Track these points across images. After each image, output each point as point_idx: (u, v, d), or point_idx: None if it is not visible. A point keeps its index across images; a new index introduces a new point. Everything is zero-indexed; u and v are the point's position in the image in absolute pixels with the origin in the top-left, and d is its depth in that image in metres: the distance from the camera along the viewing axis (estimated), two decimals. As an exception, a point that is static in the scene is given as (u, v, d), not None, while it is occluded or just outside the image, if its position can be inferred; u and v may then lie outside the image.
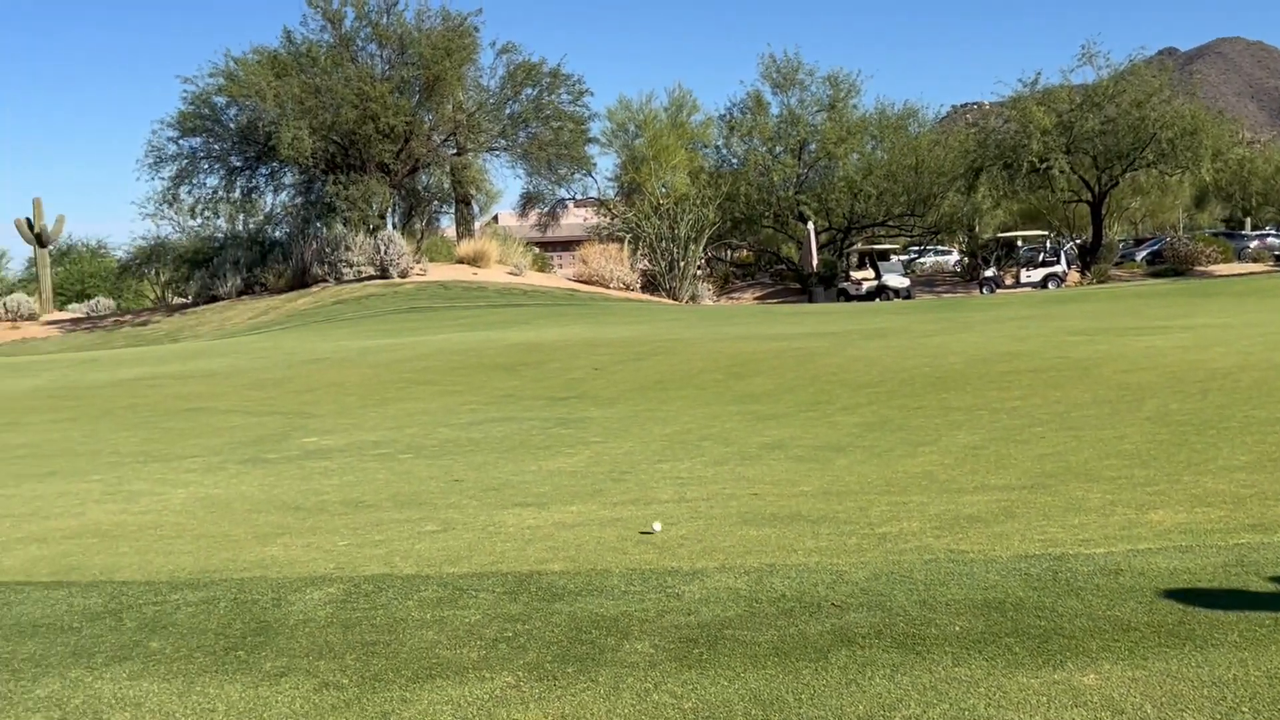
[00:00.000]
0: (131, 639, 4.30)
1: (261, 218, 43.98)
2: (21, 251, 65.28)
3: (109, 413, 12.09)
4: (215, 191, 39.49)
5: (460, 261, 39.72)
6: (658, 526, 5.06)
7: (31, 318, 40.45)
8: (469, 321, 24.59)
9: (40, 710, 3.67)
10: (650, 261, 41.50)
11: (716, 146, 51.02)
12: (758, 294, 47.44)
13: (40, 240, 45.26)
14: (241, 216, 44.07)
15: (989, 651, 3.71)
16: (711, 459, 7.72)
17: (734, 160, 50.09)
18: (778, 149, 49.25)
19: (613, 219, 45.83)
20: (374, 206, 37.82)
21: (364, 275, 36.57)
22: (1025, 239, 44.10)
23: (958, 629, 3.93)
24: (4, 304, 40.97)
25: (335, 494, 7.03)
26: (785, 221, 48.92)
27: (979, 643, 3.79)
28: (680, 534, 5.51)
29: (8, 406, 12.92)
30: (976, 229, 50.90)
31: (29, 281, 57.17)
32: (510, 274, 38.43)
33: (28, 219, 45.12)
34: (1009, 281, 41.42)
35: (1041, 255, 42.74)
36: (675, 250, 40.48)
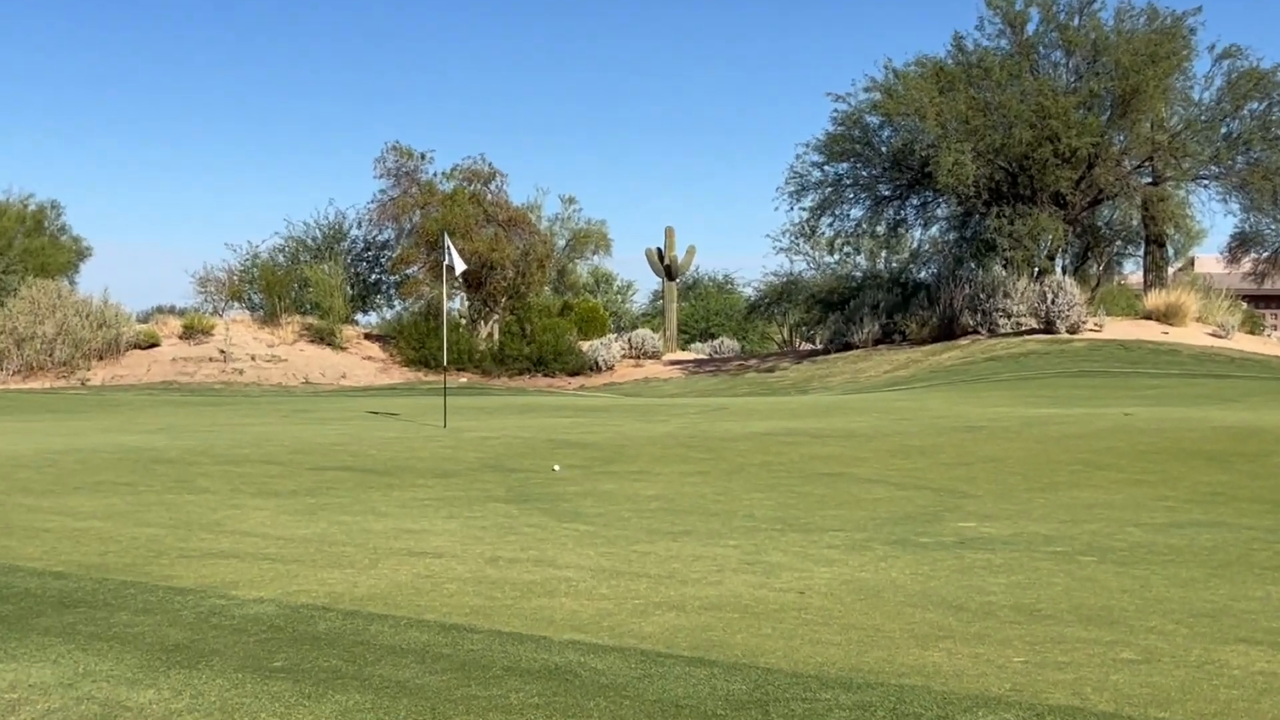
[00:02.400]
0: (781, 738, 4.52)
1: (906, 255, 45.37)
2: (647, 283, 72.39)
3: (741, 469, 13.02)
4: (858, 224, 41.33)
5: (1147, 317, 38.25)
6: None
7: (654, 356, 44.83)
8: (1157, 393, 23.54)
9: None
10: None
11: None
12: None
13: (669, 272, 50.15)
14: (884, 253, 45.79)
15: None
16: None
17: None
18: None
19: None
20: (1042, 245, 37.55)
21: (1023, 328, 36.35)
22: None
23: None
24: (629, 340, 45.70)
25: (1003, 596, 6.97)
26: None
27: None
28: None
29: (639, 453, 14.35)
30: None
31: (652, 316, 63.41)
32: (1213, 335, 36.35)
33: (659, 249, 50.18)
34: None
35: None
36: None
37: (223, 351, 39.30)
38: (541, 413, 22.33)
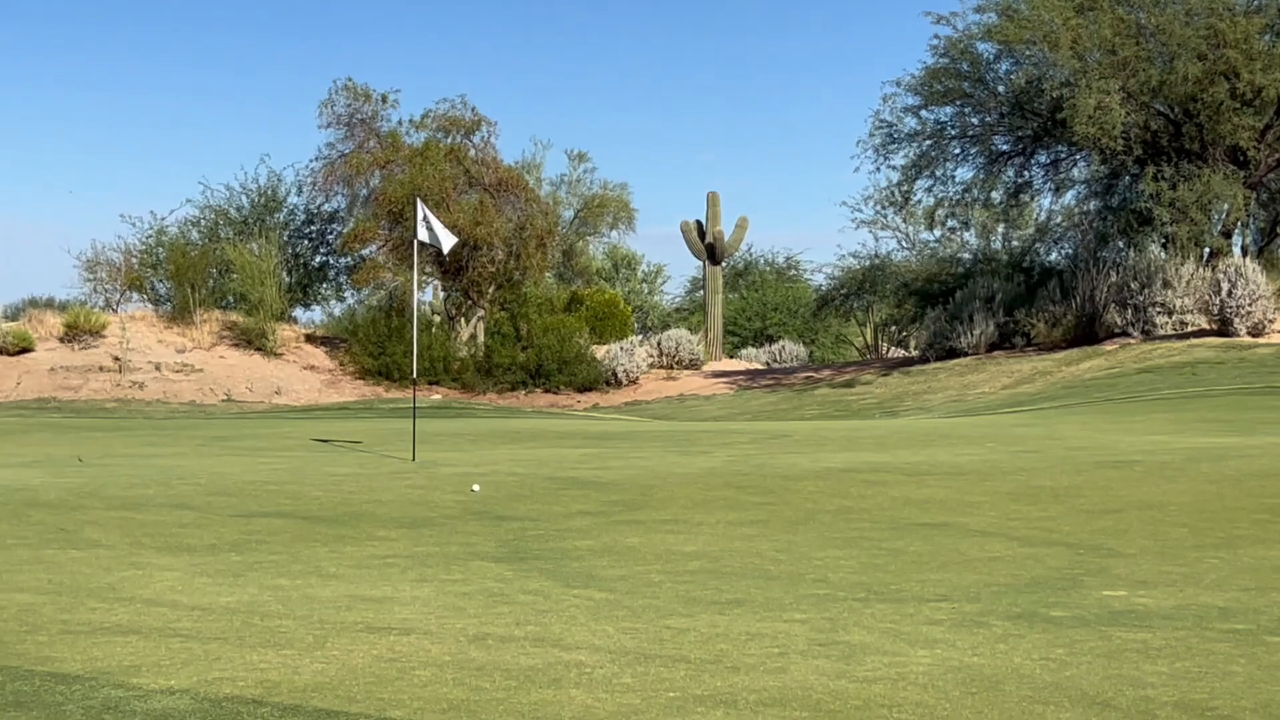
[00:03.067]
0: None
1: (1031, 231, 45.29)
2: (683, 268, 72.38)
3: (810, 517, 13.02)
4: (966, 189, 41.28)
5: (1358, 314, 38.16)
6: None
7: (693, 365, 44.88)
8: (1370, 417, 23.46)
9: None
10: None
11: None
12: None
13: (712, 254, 50.23)
14: (1001, 228, 45.71)
15: None
16: None
17: None
18: None
19: None
20: (1215, 218, 37.46)
21: (1190, 329, 36.27)
22: None
23: None
24: (659, 343, 45.66)
25: (1165, 689, 6.94)
26: None
27: None
28: None
29: (673, 496, 14.39)
30: None
31: (690, 312, 63.48)
32: None
33: (698, 222, 50.21)
34: None
35: None
36: None
37: (117, 359, 39.50)
38: (542, 441, 22.32)
